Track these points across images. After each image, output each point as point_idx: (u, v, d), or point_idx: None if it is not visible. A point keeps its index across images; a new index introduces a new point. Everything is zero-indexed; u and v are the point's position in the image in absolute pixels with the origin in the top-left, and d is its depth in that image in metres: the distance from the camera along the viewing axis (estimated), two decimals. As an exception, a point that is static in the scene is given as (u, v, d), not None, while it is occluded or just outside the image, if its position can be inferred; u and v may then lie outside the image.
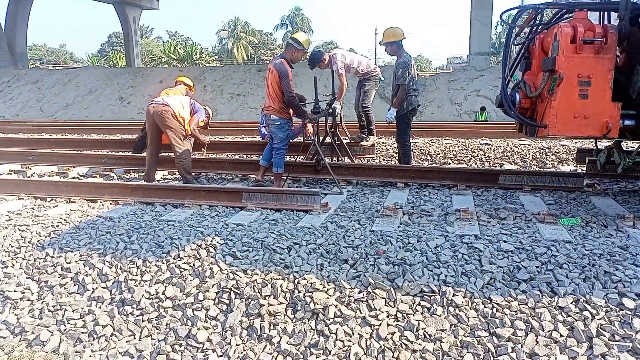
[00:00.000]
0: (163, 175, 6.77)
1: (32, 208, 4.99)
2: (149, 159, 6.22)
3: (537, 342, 2.68)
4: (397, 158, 6.86)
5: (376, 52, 54.19)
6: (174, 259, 3.58)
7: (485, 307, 2.92)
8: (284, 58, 5.46)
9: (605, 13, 4.54)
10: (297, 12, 59.20)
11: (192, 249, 3.67)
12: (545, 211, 4.41)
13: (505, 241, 3.58)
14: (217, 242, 3.76)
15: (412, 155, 6.55)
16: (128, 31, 30.18)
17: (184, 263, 3.52)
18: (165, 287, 3.34)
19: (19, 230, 4.20)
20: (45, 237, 4.06)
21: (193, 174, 6.15)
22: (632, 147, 5.46)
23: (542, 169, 6.63)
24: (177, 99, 6.12)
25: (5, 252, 3.86)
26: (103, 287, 3.42)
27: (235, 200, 4.84)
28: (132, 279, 3.45)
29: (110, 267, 3.57)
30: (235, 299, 3.20)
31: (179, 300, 3.24)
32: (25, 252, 3.85)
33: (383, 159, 7.55)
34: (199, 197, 4.95)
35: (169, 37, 53.63)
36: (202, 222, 4.31)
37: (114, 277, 3.49)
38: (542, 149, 7.54)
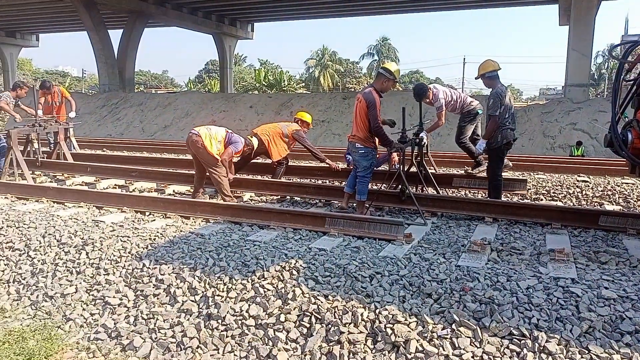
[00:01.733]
0: (250, 197, 7.04)
1: (133, 221, 5.38)
2: (195, 180, 6.79)
3: (644, 403, 2.42)
4: (486, 191, 6.62)
5: (463, 82, 53.17)
6: (258, 278, 3.68)
7: (582, 357, 2.70)
8: (374, 87, 5.53)
9: None
10: (384, 41, 59.83)
11: (276, 270, 3.76)
12: (653, 258, 4.02)
13: (606, 288, 3.30)
14: (300, 265, 3.82)
15: (502, 191, 6.29)
16: (223, 59, 32.16)
17: (268, 283, 3.61)
18: (249, 305, 3.44)
19: (121, 240, 4.55)
20: (143, 248, 4.36)
21: (232, 193, 6.59)
22: None
23: (649, 212, 6.07)
24: (212, 131, 6.53)
25: (108, 260, 4.19)
26: (192, 301, 3.59)
27: (319, 225, 4.91)
28: (218, 295, 3.58)
29: (200, 282, 3.75)
30: (315, 323, 3.21)
31: (262, 320, 3.31)
32: (125, 261, 4.15)
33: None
34: (285, 219, 5.09)
35: (260, 65, 56.32)
36: (286, 244, 4.41)
37: (202, 292, 3.65)
38: None
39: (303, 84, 52.64)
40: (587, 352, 2.73)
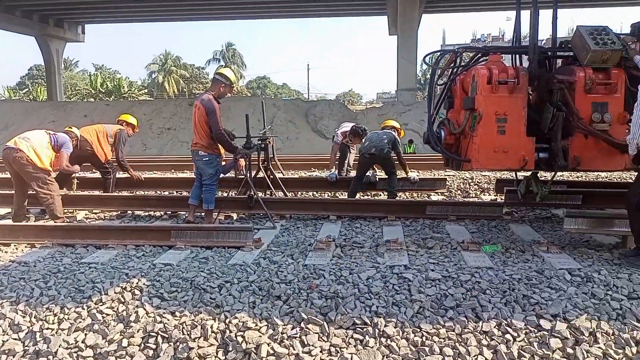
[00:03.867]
0: (85, 215, 6.43)
1: None
2: (15, 202, 5.95)
3: (465, 368, 2.76)
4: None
5: (308, 87, 55.40)
6: (95, 303, 3.37)
7: (415, 335, 2.99)
8: (211, 94, 5.45)
9: (517, 56, 4.95)
10: (229, 47, 59.51)
11: (115, 292, 3.48)
12: (469, 239, 4.62)
13: (432, 270, 3.71)
14: (144, 284, 3.59)
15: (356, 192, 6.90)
16: (50, 64, 28.82)
17: (107, 307, 3.33)
18: (86, 334, 3.13)
19: None
20: (-52, 286, 3.70)
21: (65, 213, 5.98)
22: (545, 176, 5.91)
23: (466, 199, 6.98)
24: (33, 140, 5.72)
25: None
26: (15, 339, 3.14)
27: (164, 239, 4.67)
28: (48, 328, 3.20)
29: (24, 316, 3.30)
30: (162, 343, 3.05)
31: (101, 348, 3.04)
32: None
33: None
34: (125, 236, 4.73)
35: (95, 70, 51.83)
36: (127, 263, 4.11)
37: (28, 327, 3.22)
38: (466, 179, 7.96)
39: (146, 91, 49.80)
40: (419, 330, 3.02)
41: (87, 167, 7.38)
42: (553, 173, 4.82)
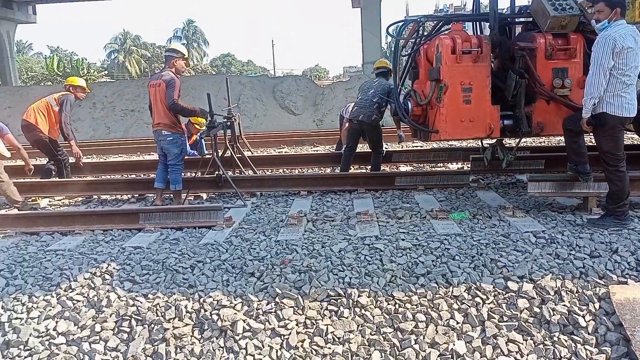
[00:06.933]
0: (49, 202, 6.24)
1: None
2: None
3: (437, 332, 2.84)
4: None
5: (274, 63, 54.56)
6: (65, 290, 3.31)
7: (388, 304, 3.05)
8: (169, 70, 5.33)
9: (478, 24, 4.97)
10: (190, 24, 57.90)
11: (85, 278, 3.42)
12: (437, 208, 4.71)
13: (403, 239, 3.77)
14: (114, 268, 3.54)
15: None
16: (2, 47, 27.44)
17: (77, 294, 3.27)
18: (57, 322, 3.08)
19: None
20: None
21: (23, 199, 5.77)
22: (509, 143, 6.04)
23: (433, 169, 7.07)
24: None
25: None
26: (-19, 331, 3.06)
27: (132, 222, 4.59)
28: (17, 318, 3.13)
29: (-10, 308, 3.21)
30: (136, 326, 3.02)
31: (73, 335, 3.00)
32: None
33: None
34: (92, 221, 4.62)
35: (51, 53, 49.67)
36: (95, 248, 4.03)
37: (-5, 319, 3.14)
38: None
39: (106, 72, 48.14)
40: (392, 298, 3.09)
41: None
42: (518, 139, 4.92)
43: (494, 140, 5.25)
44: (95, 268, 3.54)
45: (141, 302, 3.17)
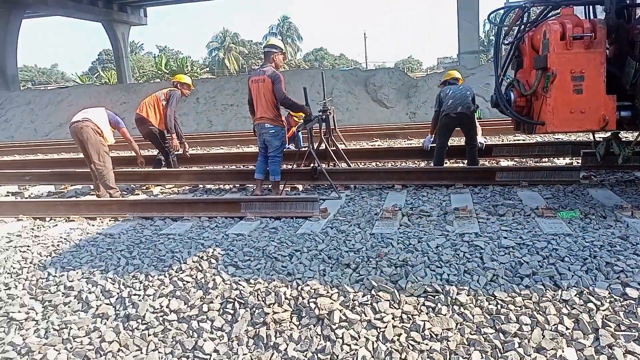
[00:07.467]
0: (161, 190, 6.77)
1: (32, 229, 4.97)
2: (93, 177, 6.23)
3: (544, 336, 2.68)
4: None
5: (366, 55, 54.39)
6: (176, 272, 3.58)
7: (489, 303, 2.93)
8: (270, 66, 5.52)
9: (591, 7, 4.57)
10: (284, 20, 59.46)
11: (193, 261, 3.67)
12: (543, 205, 4.43)
13: (505, 237, 3.60)
14: (219, 253, 3.76)
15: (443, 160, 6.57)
16: (118, 48, 30.15)
17: (187, 275, 3.52)
18: (169, 300, 3.34)
19: (20, 251, 4.19)
20: (47, 256, 4.05)
21: (116, 188, 6.19)
22: (627, 137, 5.51)
23: (538, 164, 6.66)
24: (95, 113, 6.23)
25: (8, 273, 3.85)
26: (107, 304, 3.41)
27: (234, 211, 4.84)
28: (135, 294, 3.44)
29: (114, 284, 3.56)
30: (239, 308, 3.19)
31: (184, 313, 3.23)
32: (28, 272, 3.84)
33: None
34: (198, 209, 4.96)
35: (160, 52, 53.68)
36: (202, 234, 4.31)
37: (118, 293, 3.48)
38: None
39: (207, 69, 51.03)
40: (493, 298, 2.96)
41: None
42: (638, 133, 4.47)
43: (609, 134, 4.82)
44: (202, 252, 3.79)
45: (243, 287, 3.34)
